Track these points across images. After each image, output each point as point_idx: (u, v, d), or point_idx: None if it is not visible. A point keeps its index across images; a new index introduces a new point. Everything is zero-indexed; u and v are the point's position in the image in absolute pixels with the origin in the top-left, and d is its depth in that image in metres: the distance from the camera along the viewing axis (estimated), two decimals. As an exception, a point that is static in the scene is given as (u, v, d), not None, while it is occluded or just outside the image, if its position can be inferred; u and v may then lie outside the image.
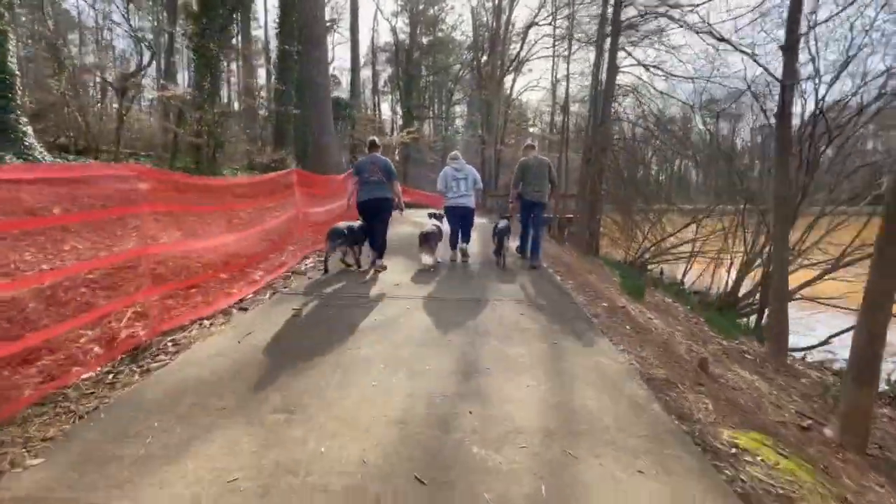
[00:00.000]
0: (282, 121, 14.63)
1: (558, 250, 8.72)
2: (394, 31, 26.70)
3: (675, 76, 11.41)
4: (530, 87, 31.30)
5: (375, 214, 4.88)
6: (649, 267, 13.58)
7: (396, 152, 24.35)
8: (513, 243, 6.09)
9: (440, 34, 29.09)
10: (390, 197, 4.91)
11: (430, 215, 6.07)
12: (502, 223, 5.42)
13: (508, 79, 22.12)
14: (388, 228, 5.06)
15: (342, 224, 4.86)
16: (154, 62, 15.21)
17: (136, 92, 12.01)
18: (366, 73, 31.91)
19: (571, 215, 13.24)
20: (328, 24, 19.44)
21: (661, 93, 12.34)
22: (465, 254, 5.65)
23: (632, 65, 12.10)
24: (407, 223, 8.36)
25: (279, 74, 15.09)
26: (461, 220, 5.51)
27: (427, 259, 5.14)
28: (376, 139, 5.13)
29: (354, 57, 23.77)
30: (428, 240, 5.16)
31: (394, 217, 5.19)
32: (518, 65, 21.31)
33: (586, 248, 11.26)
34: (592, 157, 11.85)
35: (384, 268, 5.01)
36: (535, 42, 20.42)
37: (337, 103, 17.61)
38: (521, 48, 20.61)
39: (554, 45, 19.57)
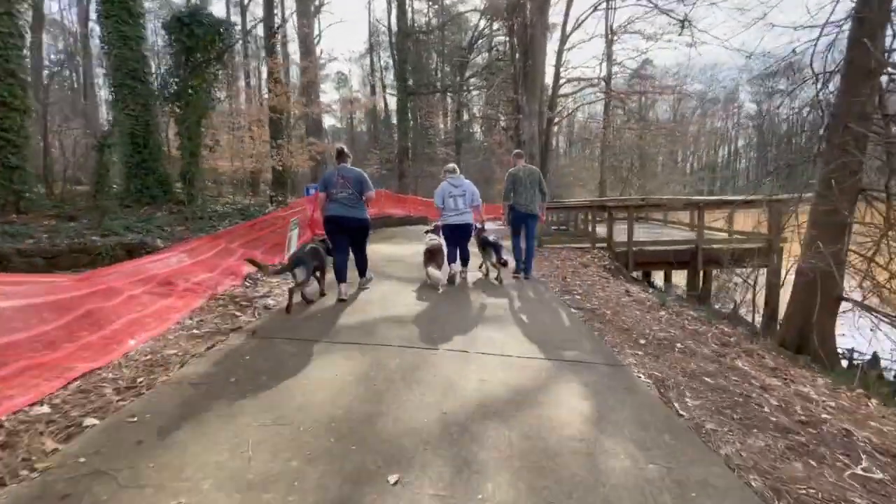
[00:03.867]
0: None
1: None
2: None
3: None
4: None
5: (350, 236, 4.48)
6: None
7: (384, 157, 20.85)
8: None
9: (447, 2, 27.06)
10: (366, 217, 4.48)
11: (426, 232, 5.83)
12: (493, 236, 5.39)
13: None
14: (366, 250, 4.80)
15: (301, 249, 4.47)
16: None
17: None
18: (366, 62, 31.08)
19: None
20: None
21: None
22: (463, 277, 5.48)
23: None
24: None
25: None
26: (460, 238, 5.29)
27: (435, 273, 4.98)
28: (344, 147, 4.55)
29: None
30: (434, 256, 5.10)
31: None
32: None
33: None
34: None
35: (367, 285, 4.89)
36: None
37: (192, 22, 8.29)
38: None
39: None
